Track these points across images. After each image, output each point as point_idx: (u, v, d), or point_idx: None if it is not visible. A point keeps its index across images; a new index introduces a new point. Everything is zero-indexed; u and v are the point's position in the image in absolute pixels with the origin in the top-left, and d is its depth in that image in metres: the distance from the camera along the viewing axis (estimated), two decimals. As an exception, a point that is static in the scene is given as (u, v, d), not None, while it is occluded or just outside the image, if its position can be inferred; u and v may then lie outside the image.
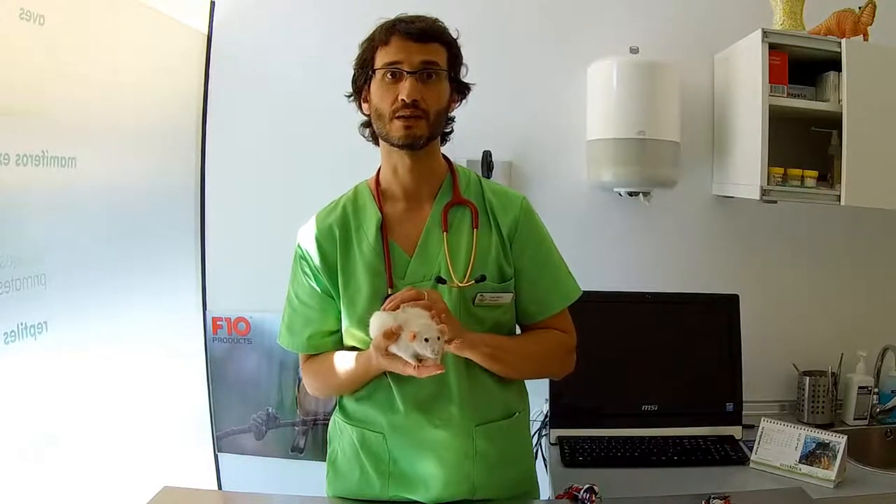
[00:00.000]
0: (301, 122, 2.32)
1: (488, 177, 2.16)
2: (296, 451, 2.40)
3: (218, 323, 2.38)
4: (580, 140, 2.25)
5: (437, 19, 1.37)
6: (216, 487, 2.40)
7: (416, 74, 1.31)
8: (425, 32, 1.32)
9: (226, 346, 2.39)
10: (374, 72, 1.34)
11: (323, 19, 2.29)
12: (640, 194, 2.19)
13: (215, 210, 2.38)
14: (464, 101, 1.43)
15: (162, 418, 2.10)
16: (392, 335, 1.24)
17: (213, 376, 2.39)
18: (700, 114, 2.28)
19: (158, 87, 2.13)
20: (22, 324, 1.51)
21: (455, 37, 1.38)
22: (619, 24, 2.27)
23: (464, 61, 1.40)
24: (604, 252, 2.30)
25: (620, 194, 2.24)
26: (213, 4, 2.33)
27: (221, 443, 2.42)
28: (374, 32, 1.36)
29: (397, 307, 1.27)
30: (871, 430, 2.13)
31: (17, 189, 1.50)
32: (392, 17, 1.36)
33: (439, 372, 1.25)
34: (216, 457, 2.42)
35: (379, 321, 1.28)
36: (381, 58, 1.33)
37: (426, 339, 1.22)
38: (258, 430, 2.40)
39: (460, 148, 1.48)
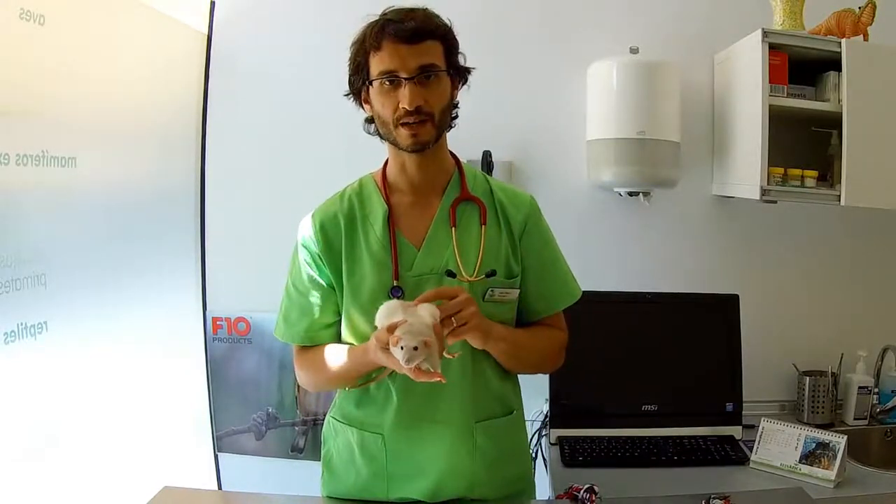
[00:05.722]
0: (301, 122, 2.32)
1: (488, 177, 2.16)
2: (296, 451, 2.40)
3: (218, 323, 2.38)
4: (580, 140, 2.24)
5: (426, 10, 1.31)
6: (216, 487, 2.40)
7: (414, 79, 1.26)
8: (417, 32, 1.26)
9: (226, 346, 2.39)
10: (370, 82, 1.30)
11: (323, 19, 2.28)
12: (640, 194, 2.19)
13: (215, 210, 2.38)
14: (466, 83, 1.39)
15: (162, 418, 2.09)
16: (395, 329, 1.18)
17: (213, 376, 2.39)
18: (700, 114, 2.28)
19: (158, 87, 2.13)
20: (22, 324, 1.51)
21: (447, 23, 1.32)
22: (619, 24, 2.26)
23: (459, 46, 1.35)
24: (604, 252, 2.30)
25: (620, 194, 2.24)
26: (213, 4, 2.33)
27: (221, 443, 2.42)
28: (363, 34, 1.30)
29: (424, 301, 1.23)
30: (871, 430, 2.13)
31: (17, 189, 1.50)
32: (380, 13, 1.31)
33: (437, 380, 1.20)
34: (216, 457, 2.42)
35: (386, 311, 1.24)
36: (376, 65, 1.28)
37: (402, 347, 1.15)
38: (258, 430, 2.40)
39: (460, 148, 1.48)
